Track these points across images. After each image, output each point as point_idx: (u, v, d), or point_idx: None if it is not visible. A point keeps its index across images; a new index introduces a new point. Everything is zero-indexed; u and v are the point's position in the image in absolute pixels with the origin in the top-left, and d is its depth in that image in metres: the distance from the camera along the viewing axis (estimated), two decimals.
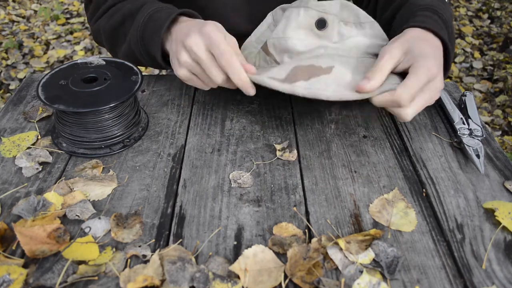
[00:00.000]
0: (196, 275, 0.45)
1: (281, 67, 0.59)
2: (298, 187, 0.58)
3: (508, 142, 1.90)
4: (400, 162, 0.63)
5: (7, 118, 0.70)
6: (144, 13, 0.68)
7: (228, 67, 0.58)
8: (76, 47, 2.66)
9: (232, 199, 0.56)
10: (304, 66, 0.57)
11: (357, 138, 0.67)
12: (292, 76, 0.56)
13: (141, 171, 0.60)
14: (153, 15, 0.67)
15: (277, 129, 0.69)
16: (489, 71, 2.43)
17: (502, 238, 0.51)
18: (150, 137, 0.66)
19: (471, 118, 0.68)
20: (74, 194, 0.55)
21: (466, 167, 0.62)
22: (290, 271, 0.46)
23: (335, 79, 0.56)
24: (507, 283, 0.46)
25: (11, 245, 0.49)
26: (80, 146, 0.62)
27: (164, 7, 0.68)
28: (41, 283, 0.45)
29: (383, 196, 0.57)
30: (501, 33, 2.81)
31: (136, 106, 0.66)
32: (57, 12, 3.01)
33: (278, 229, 0.52)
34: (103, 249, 0.49)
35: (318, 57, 0.59)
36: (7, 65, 2.47)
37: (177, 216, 0.54)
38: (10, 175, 0.59)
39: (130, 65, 0.66)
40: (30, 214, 0.51)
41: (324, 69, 0.56)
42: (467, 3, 3.26)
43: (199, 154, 0.63)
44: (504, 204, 0.55)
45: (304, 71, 0.56)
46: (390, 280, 0.46)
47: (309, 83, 0.55)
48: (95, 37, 0.81)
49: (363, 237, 0.50)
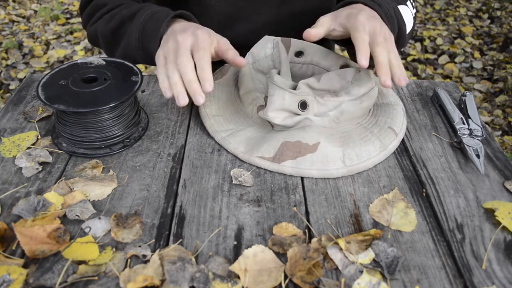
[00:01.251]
0: (196, 275, 0.45)
1: (270, 143, 0.61)
2: (298, 187, 0.58)
3: (508, 142, 1.90)
4: (400, 162, 0.63)
5: (7, 118, 0.70)
6: (143, 14, 0.69)
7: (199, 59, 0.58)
8: (76, 47, 2.66)
9: (232, 199, 0.56)
10: (291, 142, 0.60)
11: None
12: (279, 156, 0.60)
13: (141, 171, 0.60)
14: (152, 15, 0.68)
15: None
16: (489, 71, 2.43)
17: (502, 238, 0.51)
18: (150, 137, 0.66)
19: (471, 118, 0.68)
20: (74, 194, 0.55)
21: (466, 167, 0.62)
22: (290, 271, 0.46)
23: (320, 157, 0.59)
24: (507, 283, 0.46)
25: (11, 245, 0.49)
26: (80, 146, 0.62)
27: (162, 9, 0.70)
28: (41, 283, 0.45)
29: (383, 196, 0.57)
30: (501, 33, 2.81)
31: (136, 106, 0.66)
32: (57, 12, 3.01)
33: (278, 229, 0.52)
34: (103, 249, 0.49)
35: (305, 130, 0.61)
36: (7, 65, 2.47)
37: (177, 216, 0.54)
38: (10, 175, 0.59)
39: (130, 65, 0.66)
40: (30, 214, 0.51)
41: (311, 146, 0.59)
42: (467, 3, 3.26)
43: (199, 154, 0.63)
44: (504, 204, 0.55)
45: (291, 149, 0.60)
46: (390, 280, 0.46)
47: (295, 163, 0.59)
48: (91, 39, 0.83)
49: (363, 237, 0.50)
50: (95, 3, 0.80)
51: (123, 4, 0.77)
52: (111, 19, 0.75)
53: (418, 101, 0.76)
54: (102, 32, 0.77)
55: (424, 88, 0.80)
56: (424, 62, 2.55)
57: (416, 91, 0.79)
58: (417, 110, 0.74)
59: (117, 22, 0.74)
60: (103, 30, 0.76)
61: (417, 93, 0.78)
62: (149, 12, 0.69)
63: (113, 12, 0.76)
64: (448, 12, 3.12)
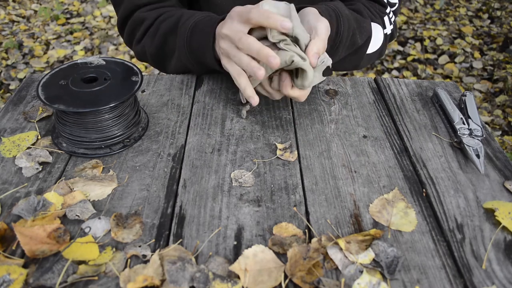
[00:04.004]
0: (196, 275, 0.45)
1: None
2: (298, 187, 0.58)
3: (508, 142, 1.90)
4: (400, 162, 0.63)
5: (7, 118, 0.70)
6: (185, 28, 0.71)
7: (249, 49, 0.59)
8: (76, 47, 2.66)
9: (232, 199, 0.56)
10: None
11: (357, 138, 0.67)
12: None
13: (141, 171, 0.60)
14: (195, 28, 0.70)
15: (277, 129, 0.69)
16: (489, 71, 2.43)
17: (502, 238, 0.51)
18: (150, 137, 0.66)
19: (471, 118, 0.68)
20: (74, 194, 0.55)
21: (466, 167, 0.62)
22: (290, 271, 0.46)
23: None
24: (507, 283, 0.46)
25: (11, 245, 0.49)
26: (80, 146, 0.62)
27: (202, 17, 0.71)
28: (41, 283, 0.45)
29: (383, 196, 0.57)
30: (501, 33, 2.81)
31: (136, 106, 0.66)
32: (57, 12, 3.01)
33: (278, 229, 0.52)
34: (103, 249, 0.49)
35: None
36: (7, 65, 2.47)
37: (177, 216, 0.54)
38: (10, 175, 0.59)
39: (130, 65, 0.66)
40: (30, 214, 0.51)
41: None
42: (467, 3, 3.26)
43: (199, 154, 0.63)
44: (504, 204, 0.55)
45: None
46: (390, 280, 0.46)
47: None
48: (140, 57, 0.85)
49: (363, 237, 0.50)
50: (134, 21, 0.81)
51: (161, 16, 0.78)
52: (154, 36, 0.77)
53: (418, 101, 0.76)
54: (149, 50, 0.79)
55: (424, 88, 0.80)
56: (424, 62, 2.55)
57: (416, 91, 0.79)
58: (417, 110, 0.74)
59: (160, 39, 0.76)
60: (150, 49, 0.79)
61: (417, 93, 0.78)
62: (191, 25, 0.70)
63: (154, 27, 0.78)
64: (448, 12, 3.12)
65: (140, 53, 0.83)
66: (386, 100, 0.76)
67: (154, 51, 0.79)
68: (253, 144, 0.65)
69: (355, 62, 0.82)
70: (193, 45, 0.70)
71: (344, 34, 0.70)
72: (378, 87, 0.80)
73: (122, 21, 0.83)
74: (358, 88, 0.79)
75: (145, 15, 0.79)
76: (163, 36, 0.76)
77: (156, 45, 0.78)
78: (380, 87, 0.80)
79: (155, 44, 0.77)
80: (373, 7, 0.82)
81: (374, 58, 0.84)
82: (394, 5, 0.84)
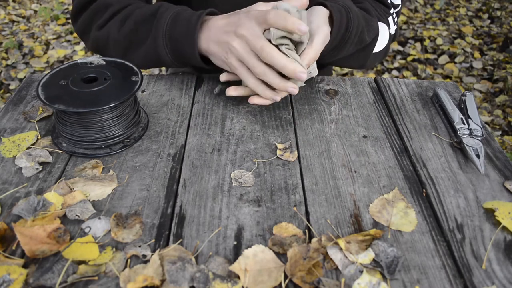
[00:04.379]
0: (196, 275, 0.45)
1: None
2: (298, 187, 0.58)
3: (508, 142, 1.90)
4: (400, 162, 0.63)
5: (7, 118, 0.70)
6: (166, 17, 0.69)
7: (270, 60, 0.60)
8: (76, 47, 2.66)
9: (232, 199, 0.56)
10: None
11: (357, 138, 0.67)
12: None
13: (141, 171, 0.60)
14: (177, 17, 0.68)
15: (277, 129, 0.69)
16: (489, 71, 2.43)
17: (502, 238, 0.51)
18: (150, 137, 0.66)
19: (471, 118, 0.68)
20: (74, 194, 0.55)
21: (466, 167, 0.62)
22: (290, 271, 0.46)
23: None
24: (507, 283, 0.46)
25: (11, 245, 0.49)
26: (80, 146, 0.62)
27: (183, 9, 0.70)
28: (41, 283, 0.45)
29: (383, 196, 0.57)
30: (501, 33, 2.81)
31: (136, 106, 0.66)
32: (57, 12, 3.01)
33: (278, 229, 0.52)
34: (103, 249, 0.49)
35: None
36: (7, 65, 2.47)
37: (177, 216, 0.54)
38: (10, 175, 0.59)
39: (130, 65, 0.66)
40: (30, 214, 0.51)
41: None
42: (467, 3, 3.26)
43: (199, 154, 0.63)
44: (504, 204, 0.55)
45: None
46: (390, 280, 0.46)
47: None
48: (96, 45, 0.78)
49: (363, 237, 0.50)
50: (97, 5, 0.76)
51: (132, 4, 0.75)
52: (123, 22, 0.73)
53: (418, 101, 0.76)
54: (113, 37, 0.74)
55: (424, 88, 0.80)
56: (424, 62, 2.55)
57: (416, 91, 0.79)
58: (417, 110, 0.74)
59: (131, 26, 0.72)
60: (115, 35, 0.74)
61: (417, 93, 0.78)
62: (172, 14, 0.69)
63: (123, 14, 0.74)
64: (448, 12, 3.12)
65: (98, 40, 0.76)
66: (386, 100, 0.76)
67: (119, 38, 0.74)
68: (253, 144, 0.65)
69: (362, 60, 0.81)
70: (173, 33, 0.68)
71: (353, 31, 0.70)
72: (378, 87, 0.80)
73: (82, 6, 0.78)
74: (358, 88, 0.79)
75: (111, 1, 0.75)
76: (135, 23, 0.72)
77: (123, 32, 0.73)
78: (380, 87, 0.80)
79: (124, 31, 0.73)
80: (379, 7, 0.83)
81: (380, 57, 0.84)
82: (397, 6, 0.85)
